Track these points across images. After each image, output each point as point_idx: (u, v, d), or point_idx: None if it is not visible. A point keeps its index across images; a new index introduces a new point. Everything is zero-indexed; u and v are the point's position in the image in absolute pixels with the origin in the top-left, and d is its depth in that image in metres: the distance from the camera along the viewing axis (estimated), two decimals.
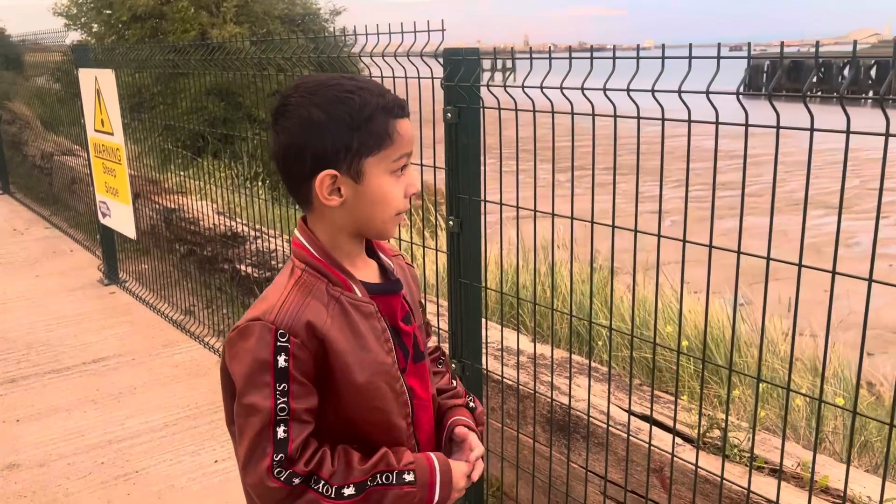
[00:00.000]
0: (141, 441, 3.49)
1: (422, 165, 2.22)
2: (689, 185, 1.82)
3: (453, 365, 2.44)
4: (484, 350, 2.48)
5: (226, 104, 8.42)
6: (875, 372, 4.69)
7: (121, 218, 5.36)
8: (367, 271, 1.25)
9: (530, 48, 2.10)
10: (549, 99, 1.89)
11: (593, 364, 3.02)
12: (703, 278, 1.75)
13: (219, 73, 4.70)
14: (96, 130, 5.34)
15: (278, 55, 3.69)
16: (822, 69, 51.67)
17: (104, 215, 5.64)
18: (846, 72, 50.02)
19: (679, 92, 1.61)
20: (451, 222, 2.28)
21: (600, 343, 3.27)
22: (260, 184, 6.51)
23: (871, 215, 14.21)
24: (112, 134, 5.09)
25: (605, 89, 1.71)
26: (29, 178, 9.56)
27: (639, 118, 1.75)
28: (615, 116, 1.80)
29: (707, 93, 1.59)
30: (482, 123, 2.20)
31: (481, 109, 2.17)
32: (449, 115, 2.19)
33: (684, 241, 1.80)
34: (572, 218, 1.99)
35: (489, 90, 2.08)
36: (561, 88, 1.84)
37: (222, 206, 5.44)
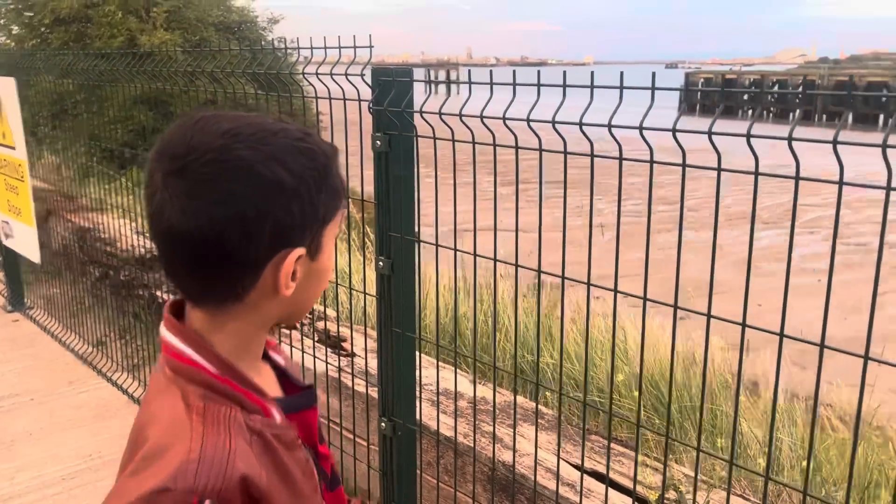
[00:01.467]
0: (31, 500, 3.08)
1: (348, 198, 1.95)
2: (621, 212, 1.60)
3: (383, 424, 2.16)
4: (418, 397, 2.21)
5: (155, 113, 7.97)
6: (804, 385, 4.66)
7: (24, 239, 4.88)
8: (268, 379, 0.93)
9: (474, 76, 1.86)
10: (490, 131, 1.65)
11: (542, 409, 2.79)
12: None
13: (148, 82, 4.36)
14: None
15: (211, 65, 3.41)
16: (753, 87, 53.55)
17: (7, 236, 5.14)
18: (775, 90, 51.98)
19: (609, 126, 1.46)
20: (381, 263, 2.02)
21: (548, 394, 3.05)
22: None
23: (805, 229, 14.60)
24: (14, 148, 4.63)
25: (528, 120, 1.53)
26: None
27: (566, 153, 1.57)
28: (540, 150, 1.62)
29: (640, 128, 1.43)
30: (416, 152, 1.95)
31: (415, 137, 1.91)
32: (378, 142, 1.93)
33: (615, 291, 1.59)
34: (517, 266, 1.75)
35: (422, 117, 1.82)
36: (504, 119, 1.61)
37: (142, 224, 5.03)
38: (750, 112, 52.21)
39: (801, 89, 50.35)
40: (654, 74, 1.54)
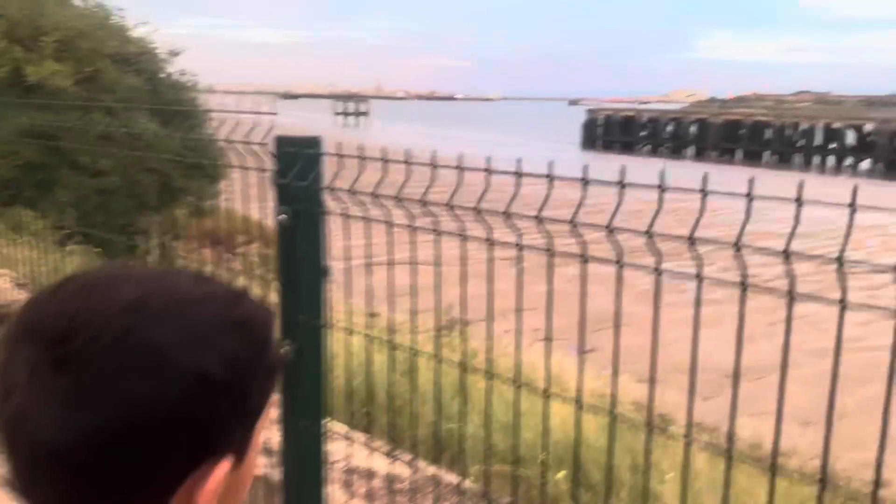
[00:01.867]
0: None
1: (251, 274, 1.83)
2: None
3: None
4: (326, 480, 2.09)
5: (43, 149, 7.51)
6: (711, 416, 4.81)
7: None
8: None
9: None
10: (409, 211, 1.59)
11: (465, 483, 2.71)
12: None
13: (36, 114, 4.08)
14: None
15: (108, 98, 3.23)
16: (650, 124, 56.45)
17: None
18: (668, 128, 54.96)
19: (538, 218, 1.39)
20: (286, 348, 1.87)
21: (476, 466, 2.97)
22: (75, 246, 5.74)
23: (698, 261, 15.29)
24: None
25: (449, 205, 1.47)
26: None
27: (491, 242, 1.49)
28: (464, 237, 1.54)
29: (573, 223, 1.36)
30: (323, 229, 1.80)
31: (323, 215, 1.77)
32: (283, 216, 1.76)
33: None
34: (438, 359, 1.69)
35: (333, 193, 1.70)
36: (423, 202, 1.53)
37: (26, 273, 4.66)
38: (647, 147, 54.93)
39: (695, 127, 53.42)
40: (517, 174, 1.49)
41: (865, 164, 42.71)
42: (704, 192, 1.29)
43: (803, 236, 1.20)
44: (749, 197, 1.23)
